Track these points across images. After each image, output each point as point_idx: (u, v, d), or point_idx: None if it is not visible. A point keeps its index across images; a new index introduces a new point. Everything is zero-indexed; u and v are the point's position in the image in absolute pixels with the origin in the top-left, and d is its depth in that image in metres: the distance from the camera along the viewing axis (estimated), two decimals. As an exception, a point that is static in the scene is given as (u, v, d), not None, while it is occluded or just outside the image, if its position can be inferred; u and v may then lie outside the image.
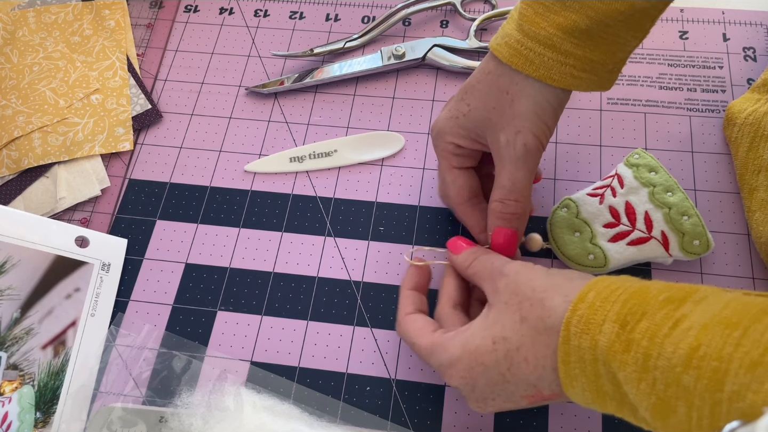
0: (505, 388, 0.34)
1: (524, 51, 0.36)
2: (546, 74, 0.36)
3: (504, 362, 0.33)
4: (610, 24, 0.35)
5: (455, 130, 0.40)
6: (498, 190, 0.39)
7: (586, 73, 0.37)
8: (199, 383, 0.42)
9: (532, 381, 0.32)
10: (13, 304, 0.43)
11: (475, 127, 0.39)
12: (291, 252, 0.47)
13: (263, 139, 0.52)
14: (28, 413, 0.41)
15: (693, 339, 0.26)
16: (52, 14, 0.58)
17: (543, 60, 0.36)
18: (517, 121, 0.37)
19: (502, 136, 0.38)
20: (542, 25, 0.36)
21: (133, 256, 0.48)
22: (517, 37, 0.37)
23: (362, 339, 0.44)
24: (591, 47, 0.36)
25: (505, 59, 0.37)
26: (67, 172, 0.51)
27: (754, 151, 0.45)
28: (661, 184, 0.43)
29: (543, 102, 0.37)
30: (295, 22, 0.58)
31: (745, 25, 0.54)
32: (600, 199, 0.44)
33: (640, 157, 0.45)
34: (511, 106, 0.38)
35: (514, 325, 0.33)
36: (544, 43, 0.36)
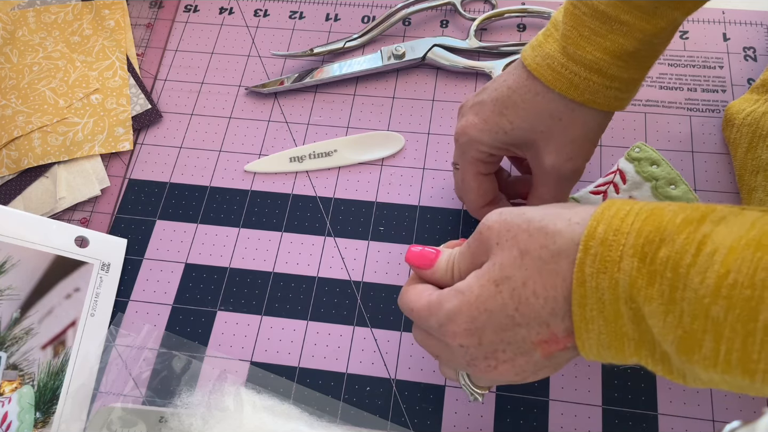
0: (516, 333, 0.30)
1: (569, 75, 0.36)
2: (591, 99, 0.36)
3: (511, 302, 0.30)
4: (655, 43, 0.35)
5: (494, 143, 0.39)
6: (538, 200, 0.40)
7: (629, 93, 0.37)
8: (199, 383, 0.42)
9: (545, 317, 0.29)
10: (13, 304, 0.43)
11: (516, 144, 0.39)
12: (291, 252, 0.47)
13: (263, 139, 0.52)
14: (27, 413, 0.41)
15: (720, 265, 0.24)
16: (52, 14, 0.58)
17: (588, 84, 0.36)
18: (569, 149, 0.38)
19: (548, 159, 0.38)
20: (588, 49, 0.35)
21: (133, 256, 0.48)
22: (561, 60, 0.36)
23: (362, 339, 0.44)
24: (636, 68, 0.36)
25: (549, 83, 0.37)
26: (67, 172, 0.51)
27: (752, 152, 0.45)
28: (663, 178, 0.43)
29: (595, 127, 0.38)
30: (295, 21, 0.58)
31: (745, 25, 0.54)
32: (603, 197, 0.44)
33: (641, 150, 0.44)
34: (564, 133, 0.38)
35: (514, 262, 0.30)
36: (590, 68, 0.35)
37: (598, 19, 0.35)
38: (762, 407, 0.40)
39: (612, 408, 0.40)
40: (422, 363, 0.43)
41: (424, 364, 0.43)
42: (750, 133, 0.45)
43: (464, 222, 0.47)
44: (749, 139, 0.45)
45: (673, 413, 0.40)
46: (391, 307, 0.45)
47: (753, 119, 0.45)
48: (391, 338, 0.44)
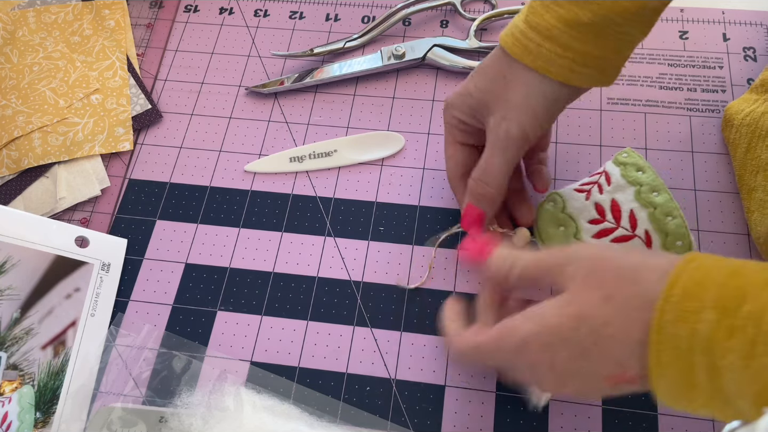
0: (588, 366, 0.31)
1: (525, 41, 0.37)
2: (543, 66, 0.36)
3: (588, 338, 0.30)
4: (617, 21, 0.35)
5: (461, 107, 0.41)
6: (476, 168, 0.40)
7: (588, 68, 0.37)
8: (199, 383, 0.42)
9: (620, 359, 0.30)
10: (13, 304, 0.43)
11: (477, 106, 0.40)
12: (291, 252, 0.47)
13: (263, 139, 0.52)
14: (28, 413, 0.41)
15: None
16: (52, 14, 0.58)
17: (541, 51, 0.36)
18: (505, 107, 0.38)
19: (491, 120, 0.39)
20: (545, 17, 0.36)
21: (133, 256, 0.48)
22: (521, 27, 0.37)
23: (362, 339, 0.44)
24: (594, 42, 0.36)
25: (507, 48, 0.38)
26: (67, 172, 0.51)
27: (751, 152, 0.45)
28: (647, 184, 0.43)
29: (537, 93, 0.37)
30: (295, 22, 0.58)
31: (745, 25, 0.54)
32: (586, 195, 0.44)
33: (629, 155, 0.44)
34: (505, 91, 0.38)
35: (598, 303, 0.30)
36: (543, 35, 0.36)
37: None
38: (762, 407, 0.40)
39: (612, 408, 0.40)
40: (422, 363, 0.43)
41: (424, 364, 0.43)
42: (749, 133, 0.45)
43: (464, 222, 0.47)
44: (748, 139, 0.45)
45: (673, 413, 0.40)
46: (391, 307, 0.45)
47: (752, 119, 0.45)
48: (391, 338, 0.44)
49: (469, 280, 0.45)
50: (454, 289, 0.45)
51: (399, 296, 0.45)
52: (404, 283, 0.45)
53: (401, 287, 0.45)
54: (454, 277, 0.45)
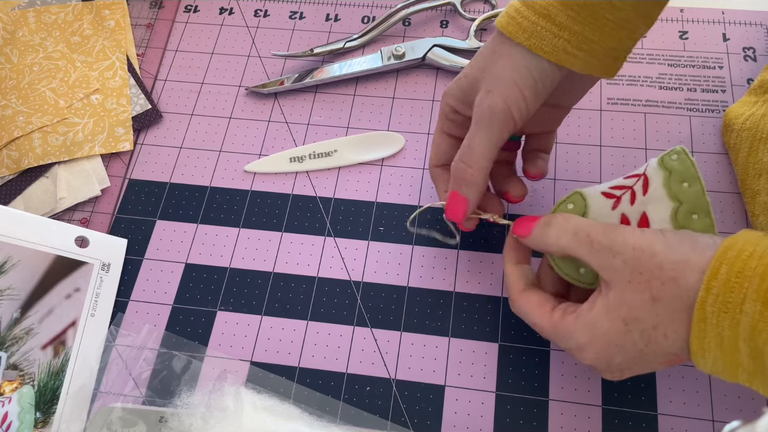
0: (643, 360, 0.33)
1: (519, 18, 0.35)
2: (537, 44, 0.35)
3: (641, 341, 0.32)
4: (618, 6, 0.34)
5: (456, 91, 0.39)
6: (459, 149, 0.38)
7: (583, 52, 0.35)
8: (199, 383, 0.42)
9: (673, 351, 0.32)
10: (13, 304, 0.43)
11: (468, 87, 0.38)
12: (291, 252, 0.47)
13: (263, 139, 0.52)
14: (28, 413, 0.41)
15: None
16: (52, 14, 0.58)
17: (536, 29, 0.35)
18: (491, 81, 0.36)
19: (477, 97, 0.37)
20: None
21: (133, 256, 0.48)
22: (517, 6, 0.36)
23: (362, 339, 0.44)
24: (591, 25, 0.34)
25: (502, 27, 0.36)
26: (67, 172, 0.51)
27: (753, 155, 0.45)
28: (689, 203, 0.35)
29: (523, 69, 0.35)
30: (295, 22, 0.58)
31: (745, 25, 0.54)
32: (615, 203, 0.37)
33: (679, 159, 0.36)
34: (493, 66, 0.36)
35: (644, 305, 0.31)
36: (539, 12, 0.35)
37: None
38: (762, 407, 0.40)
39: (612, 408, 0.40)
40: (422, 363, 0.43)
41: (424, 364, 0.43)
42: (750, 136, 0.45)
43: (464, 222, 0.47)
44: (750, 142, 0.45)
45: (673, 413, 0.40)
46: (391, 307, 0.45)
47: (752, 123, 0.45)
48: (391, 338, 0.44)
49: (468, 281, 0.45)
50: (454, 289, 0.45)
51: (399, 296, 0.45)
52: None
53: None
54: (453, 278, 0.45)
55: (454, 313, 0.44)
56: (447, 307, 0.44)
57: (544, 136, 0.44)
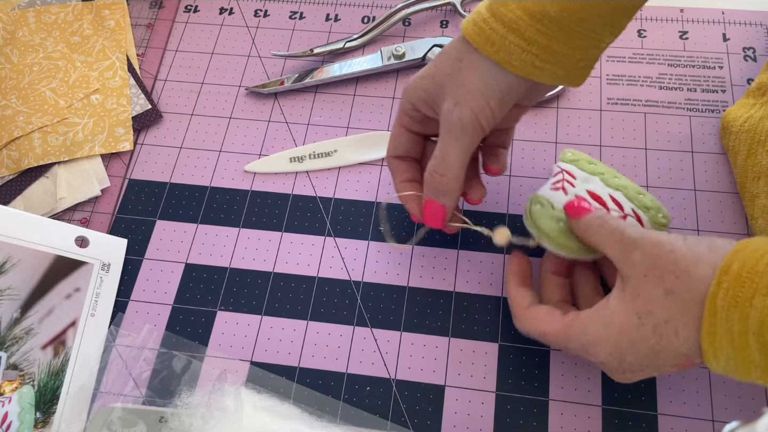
0: (655, 360, 0.33)
1: (488, 31, 0.35)
2: (506, 58, 0.35)
3: (653, 336, 0.32)
4: (585, 18, 0.34)
5: (417, 91, 0.39)
6: (431, 160, 0.39)
7: (550, 64, 0.35)
8: (199, 383, 0.42)
9: (684, 352, 0.32)
10: (13, 304, 0.43)
11: (432, 90, 0.38)
12: (291, 252, 0.47)
13: (263, 139, 0.52)
14: (28, 413, 0.41)
15: None
16: (52, 14, 0.58)
17: (504, 43, 0.35)
18: (459, 92, 0.36)
19: (445, 104, 0.37)
20: (510, 6, 0.34)
21: (133, 256, 0.48)
22: (484, 15, 0.35)
23: (362, 339, 0.44)
24: (560, 38, 0.34)
25: (469, 36, 0.36)
26: (67, 172, 0.51)
27: (752, 158, 0.44)
28: (607, 171, 0.42)
29: (490, 81, 0.36)
30: (295, 22, 0.58)
31: (745, 25, 0.54)
32: (563, 192, 0.41)
33: (573, 154, 0.43)
34: (459, 74, 0.37)
35: (657, 299, 0.32)
36: (508, 26, 0.34)
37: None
38: (762, 407, 0.40)
39: (612, 408, 0.40)
40: (422, 363, 0.43)
41: (424, 364, 0.43)
42: (749, 139, 0.45)
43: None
44: (748, 145, 0.45)
45: (673, 413, 0.40)
46: (391, 307, 0.45)
47: (751, 125, 0.45)
48: (391, 338, 0.44)
49: (468, 281, 0.45)
50: (454, 289, 0.45)
51: (399, 296, 0.45)
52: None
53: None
54: (453, 278, 0.45)
55: (454, 313, 0.44)
56: (447, 307, 0.44)
57: (503, 132, 0.43)
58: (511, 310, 0.40)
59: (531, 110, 0.51)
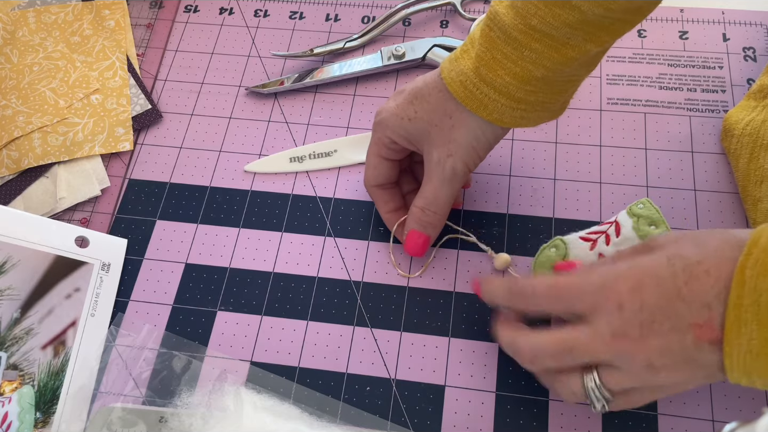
0: (678, 308, 0.31)
1: (480, 95, 0.38)
2: (498, 118, 0.38)
3: (682, 275, 0.31)
4: (566, 71, 0.37)
5: (397, 130, 0.42)
6: (421, 198, 0.42)
7: (536, 112, 0.39)
8: (199, 383, 0.42)
9: (709, 299, 0.30)
10: (13, 304, 0.43)
11: (415, 134, 0.41)
12: (291, 252, 0.47)
13: (263, 139, 0.52)
14: (28, 413, 0.41)
15: None
16: (52, 14, 0.58)
17: (497, 106, 0.38)
18: (451, 146, 0.40)
19: (435, 154, 0.41)
20: (499, 72, 0.37)
21: (133, 256, 0.48)
22: (473, 80, 0.38)
23: (362, 339, 0.44)
24: (546, 92, 0.38)
25: (461, 99, 0.39)
26: (67, 172, 0.51)
27: (755, 162, 0.44)
28: None
29: (480, 136, 0.40)
30: (295, 22, 0.58)
31: (745, 25, 0.54)
32: (592, 245, 0.42)
33: (645, 207, 0.42)
34: (451, 131, 0.40)
35: (689, 248, 0.32)
36: (499, 91, 0.37)
37: (510, 45, 0.36)
38: (762, 407, 0.40)
39: (612, 408, 0.40)
40: (422, 363, 0.43)
41: (424, 364, 0.43)
42: (751, 142, 0.45)
43: (464, 223, 0.47)
44: (750, 149, 0.45)
45: (673, 413, 0.40)
46: (391, 307, 0.45)
47: (753, 128, 0.45)
48: (391, 338, 0.44)
49: (468, 281, 0.45)
50: (454, 289, 0.45)
51: (399, 296, 0.45)
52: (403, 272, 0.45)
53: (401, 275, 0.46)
54: (454, 278, 0.45)
55: (454, 313, 0.44)
56: (447, 307, 0.44)
57: None
58: (511, 343, 0.37)
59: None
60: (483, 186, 0.48)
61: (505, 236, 0.46)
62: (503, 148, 0.50)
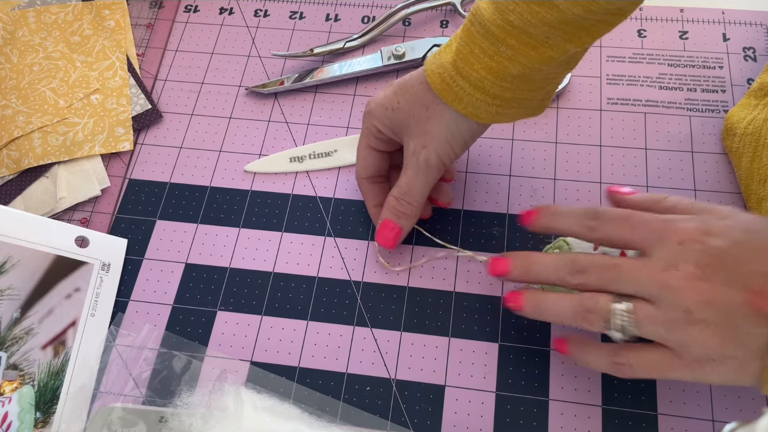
0: (738, 266, 0.30)
1: (455, 88, 0.38)
2: (473, 112, 0.39)
3: (763, 238, 0.30)
4: (543, 70, 0.36)
5: (382, 119, 0.42)
6: (396, 188, 0.42)
7: (513, 109, 0.39)
8: (199, 383, 0.42)
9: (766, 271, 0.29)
10: (13, 304, 0.43)
11: (397, 124, 0.42)
12: (291, 252, 0.47)
13: (263, 139, 0.52)
14: (28, 413, 0.41)
15: None
16: (52, 14, 0.58)
17: (471, 100, 0.38)
18: (426, 137, 0.40)
19: (411, 144, 0.41)
20: (475, 66, 0.37)
21: (133, 256, 0.48)
22: (451, 73, 0.38)
23: (362, 339, 0.44)
24: (523, 89, 0.38)
25: (438, 92, 0.39)
26: (67, 172, 0.51)
27: (757, 161, 0.44)
28: None
29: (455, 130, 0.40)
30: (295, 22, 0.58)
31: (745, 25, 0.54)
32: (595, 246, 0.41)
33: None
34: (427, 122, 0.40)
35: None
36: (474, 85, 0.37)
37: (488, 40, 0.36)
38: (762, 407, 0.40)
39: (612, 408, 0.40)
40: (422, 363, 0.43)
41: (424, 364, 0.43)
42: (753, 141, 0.45)
43: (464, 223, 0.47)
44: (753, 148, 0.45)
45: (673, 413, 0.40)
46: (391, 307, 0.45)
47: (755, 128, 0.45)
48: (391, 338, 0.44)
49: (468, 281, 0.45)
50: (454, 289, 0.45)
51: (399, 296, 0.45)
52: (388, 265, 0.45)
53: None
54: (454, 278, 0.45)
55: (454, 313, 0.44)
56: (447, 307, 0.44)
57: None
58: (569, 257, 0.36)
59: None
60: (483, 186, 0.49)
61: (505, 236, 0.46)
62: (503, 148, 0.50)
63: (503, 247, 0.46)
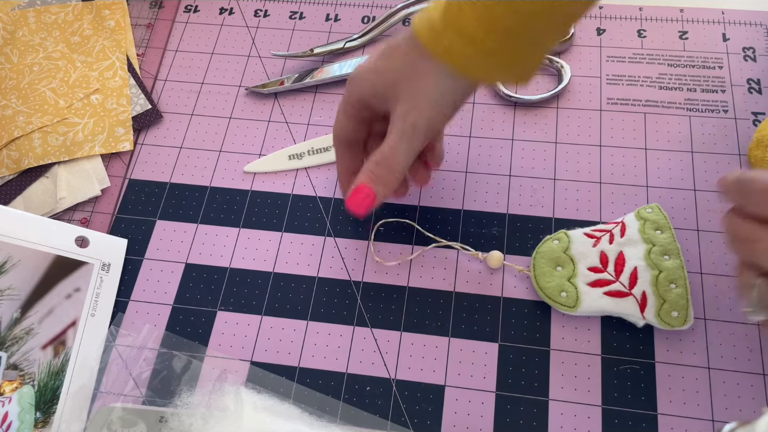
0: None
1: (445, 42, 0.36)
2: (463, 64, 0.36)
3: None
4: (533, 25, 0.35)
5: (369, 88, 0.40)
6: (378, 152, 0.39)
7: (503, 71, 0.38)
8: (199, 383, 0.42)
9: None
10: (13, 304, 0.43)
11: (384, 86, 0.39)
12: (291, 252, 0.47)
13: (263, 139, 0.52)
14: (28, 413, 0.41)
15: None
16: (52, 14, 0.58)
17: (462, 56, 0.36)
18: (414, 100, 0.38)
19: (399, 108, 0.38)
20: (468, 14, 0.35)
21: (133, 256, 0.48)
22: (440, 25, 0.36)
23: (362, 339, 0.44)
24: (508, 47, 0.36)
25: (426, 43, 0.37)
26: (67, 172, 0.51)
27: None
28: (661, 245, 0.42)
29: (445, 90, 0.38)
30: (295, 22, 0.58)
31: (745, 25, 0.54)
32: (595, 242, 0.43)
33: (653, 212, 0.43)
34: (415, 81, 0.38)
35: None
36: (465, 39, 0.35)
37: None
38: (762, 407, 0.40)
39: (612, 408, 0.40)
40: (422, 363, 0.43)
41: (424, 364, 0.43)
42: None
43: (464, 222, 0.47)
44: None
45: (673, 413, 0.40)
46: (391, 307, 0.45)
47: None
48: (391, 338, 0.44)
49: (468, 281, 0.45)
50: (454, 289, 0.45)
51: (399, 296, 0.45)
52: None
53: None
54: (453, 278, 0.45)
55: (454, 313, 0.44)
56: (447, 307, 0.44)
57: None
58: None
59: (531, 110, 0.51)
60: (483, 186, 0.49)
61: (505, 236, 0.46)
62: (503, 148, 0.50)
63: (503, 247, 0.46)
